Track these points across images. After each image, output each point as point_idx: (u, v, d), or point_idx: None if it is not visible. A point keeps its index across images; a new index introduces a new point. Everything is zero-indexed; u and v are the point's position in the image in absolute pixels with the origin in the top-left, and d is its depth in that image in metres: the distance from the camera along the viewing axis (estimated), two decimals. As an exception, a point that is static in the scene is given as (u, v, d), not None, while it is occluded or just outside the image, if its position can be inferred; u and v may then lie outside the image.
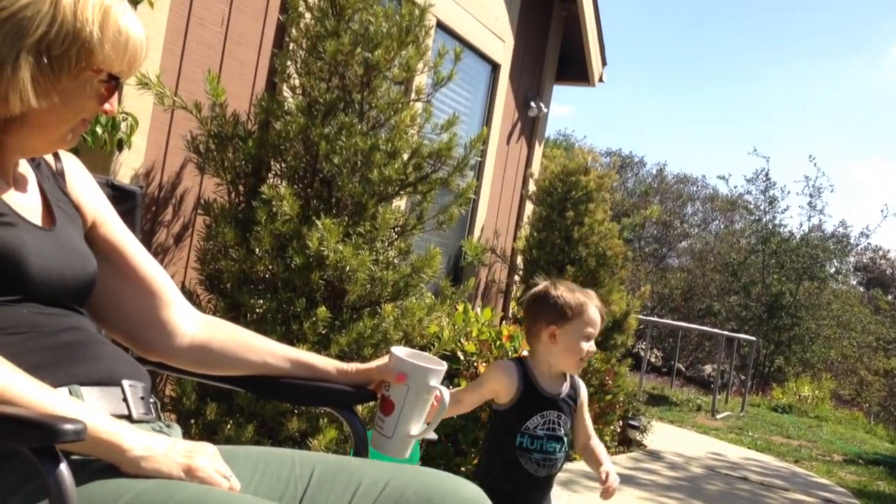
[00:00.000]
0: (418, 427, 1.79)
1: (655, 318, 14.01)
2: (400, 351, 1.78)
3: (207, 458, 1.37)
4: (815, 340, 19.52)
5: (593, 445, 2.57)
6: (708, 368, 19.64)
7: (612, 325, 7.18)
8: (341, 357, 3.07)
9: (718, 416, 12.07)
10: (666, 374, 18.42)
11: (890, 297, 46.44)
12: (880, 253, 37.51)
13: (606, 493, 2.49)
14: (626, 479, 5.77)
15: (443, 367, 1.80)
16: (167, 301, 1.72)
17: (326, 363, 1.82)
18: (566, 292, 2.46)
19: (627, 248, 8.25)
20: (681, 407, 12.41)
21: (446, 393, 1.81)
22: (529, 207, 7.84)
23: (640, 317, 9.52)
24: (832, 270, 22.17)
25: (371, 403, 2.07)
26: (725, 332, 14.14)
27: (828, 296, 20.95)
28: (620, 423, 6.97)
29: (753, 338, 15.13)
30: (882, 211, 34.83)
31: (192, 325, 1.75)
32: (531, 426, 2.39)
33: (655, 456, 7.11)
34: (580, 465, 6.04)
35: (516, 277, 7.65)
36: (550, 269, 7.23)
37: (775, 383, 17.73)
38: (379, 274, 3.30)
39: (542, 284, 2.54)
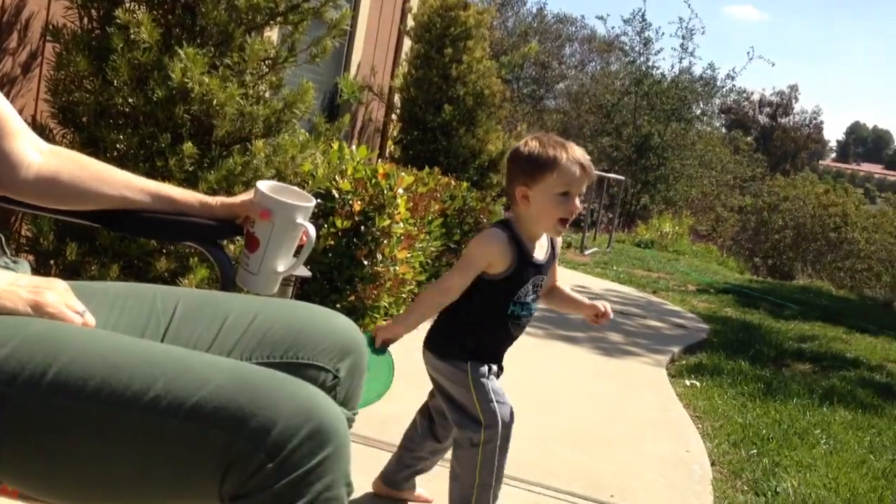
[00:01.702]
0: (285, 264, 1.75)
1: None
2: (265, 185, 1.70)
3: (57, 293, 1.30)
4: (678, 179, 20.46)
5: (559, 288, 2.49)
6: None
7: (488, 165, 7.26)
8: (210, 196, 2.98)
9: (587, 252, 12.66)
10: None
11: (749, 139, 48.94)
12: (744, 95, 39.03)
13: (606, 317, 2.43)
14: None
15: (311, 203, 1.74)
16: (9, 131, 1.58)
17: (188, 196, 1.74)
18: (537, 147, 2.19)
19: (506, 89, 8.23)
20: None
21: (312, 230, 1.76)
22: (408, 44, 7.64)
23: (516, 156, 9.66)
24: (698, 112, 22.99)
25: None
26: (597, 172, 14.54)
27: (693, 137, 21.82)
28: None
29: (622, 177, 15.69)
30: (748, 53, 35.98)
31: (39, 155, 1.62)
32: (522, 294, 2.28)
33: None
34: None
35: (394, 116, 7.56)
36: (428, 108, 7.17)
37: (640, 220, 18.66)
38: (248, 109, 3.16)
39: (522, 141, 2.31)
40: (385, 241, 4.34)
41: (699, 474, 3.29)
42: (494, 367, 2.37)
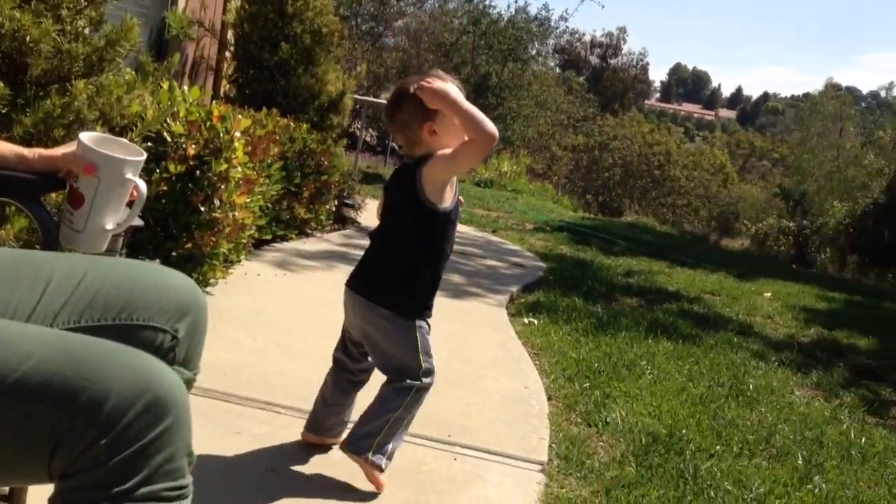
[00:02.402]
0: (114, 221, 1.65)
1: (371, 98, 14.10)
2: (89, 138, 1.57)
3: None
4: (516, 119, 20.88)
5: None
6: (420, 147, 20.42)
7: (328, 106, 7.12)
8: (27, 141, 2.76)
9: (428, 192, 12.77)
10: (380, 153, 18.95)
11: (581, 79, 50.55)
12: (576, 36, 40.10)
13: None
14: (340, 256, 6.00)
15: (141, 157, 1.64)
16: None
17: (2, 148, 1.60)
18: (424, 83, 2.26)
19: (344, 26, 8.04)
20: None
21: (143, 185, 1.66)
22: (240, -24, 7.29)
23: (356, 96, 9.53)
24: (534, 52, 23.45)
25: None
26: (436, 112, 14.58)
27: (529, 77, 22.26)
28: (336, 202, 7.11)
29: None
30: (581, -6, 36.89)
31: None
32: (457, 220, 2.45)
33: (367, 232, 7.40)
34: (295, 244, 6.15)
35: (227, 54, 7.23)
36: (264, 46, 6.91)
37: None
38: (67, 46, 2.92)
39: (401, 84, 2.35)
40: (222, 186, 4.18)
41: (537, 409, 3.44)
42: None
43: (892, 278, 17.50)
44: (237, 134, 4.26)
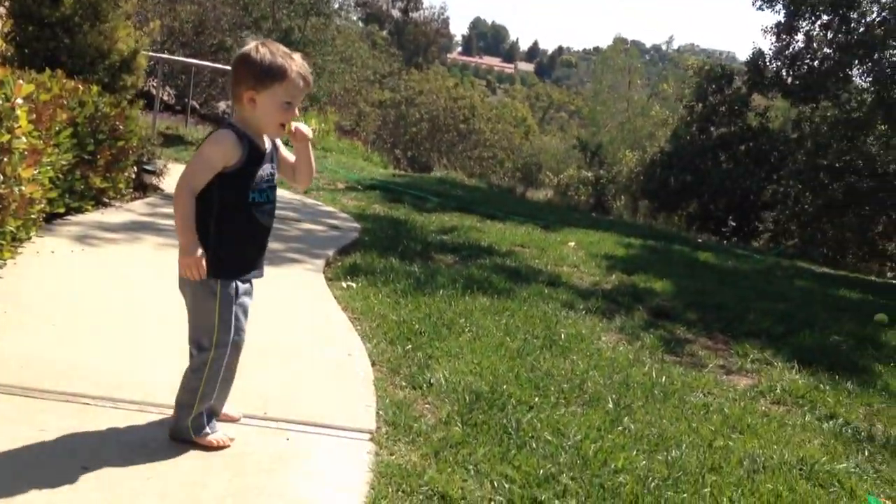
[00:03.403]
0: None
1: (167, 55, 13.32)
2: None
3: None
4: (321, 76, 20.53)
5: (293, 161, 2.64)
6: (223, 105, 19.59)
7: (121, 65, 6.65)
8: None
9: (234, 153, 12.32)
10: (180, 113, 18.00)
11: (384, 33, 50.41)
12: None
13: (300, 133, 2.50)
14: (144, 227, 5.66)
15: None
16: None
17: None
18: (268, 55, 2.35)
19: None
20: (196, 146, 12.35)
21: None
22: (9, -79, 6.59)
23: (151, 54, 8.96)
24: (336, 6, 23.09)
25: None
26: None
27: (332, 32, 21.91)
28: (135, 168, 6.69)
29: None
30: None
31: None
32: (258, 181, 2.45)
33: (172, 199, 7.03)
34: (93, 216, 5.74)
35: (1, 10, 6.55)
36: (44, 1, 6.32)
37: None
38: None
39: (248, 45, 2.40)
40: (6, 159, 3.81)
41: (361, 376, 3.44)
42: (245, 286, 2.52)
43: (677, 220, 19.00)
44: (19, 101, 3.88)
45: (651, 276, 6.88)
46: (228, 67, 11.59)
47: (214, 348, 2.45)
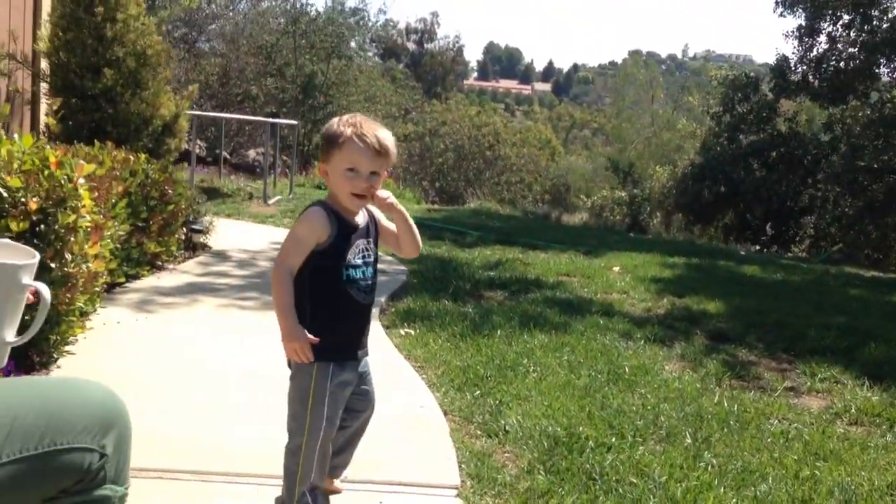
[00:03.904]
0: (12, 331, 1.52)
1: (198, 112, 13.57)
2: None
3: None
4: (346, 116, 20.74)
5: (393, 231, 2.56)
6: (252, 153, 19.93)
7: (163, 130, 6.79)
8: None
9: (271, 202, 12.48)
10: (212, 164, 18.30)
11: (401, 66, 50.92)
12: (391, 23, 40.32)
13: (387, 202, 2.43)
14: (201, 288, 5.75)
15: (34, 259, 1.52)
16: None
17: None
18: (332, 126, 2.34)
19: (169, 47, 7.67)
20: (233, 197, 12.52)
21: (45, 289, 1.54)
22: (48, 2, 6.79)
23: (189, 112, 9.14)
24: (353, 45, 23.38)
25: None
26: (269, 120, 14.27)
27: (354, 72, 22.19)
28: (184, 229, 6.81)
29: (295, 122, 15.56)
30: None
31: None
32: (352, 257, 2.39)
33: (222, 257, 7.15)
34: (150, 281, 5.84)
35: (44, 86, 6.73)
36: (85, 73, 6.50)
37: (316, 162, 18.72)
38: None
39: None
40: (72, 238, 3.90)
41: (437, 428, 3.45)
42: (348, 376, 2.44)
43: (713, 232, 18.85)
44: (81, 181, 3.98)
45: (703, 297, 6.84)
46: (260, 119, 11.84)
47: (307, 433, 2.39)
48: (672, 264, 9.11)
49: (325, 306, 2.39)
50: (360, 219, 2.45)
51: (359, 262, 2.42)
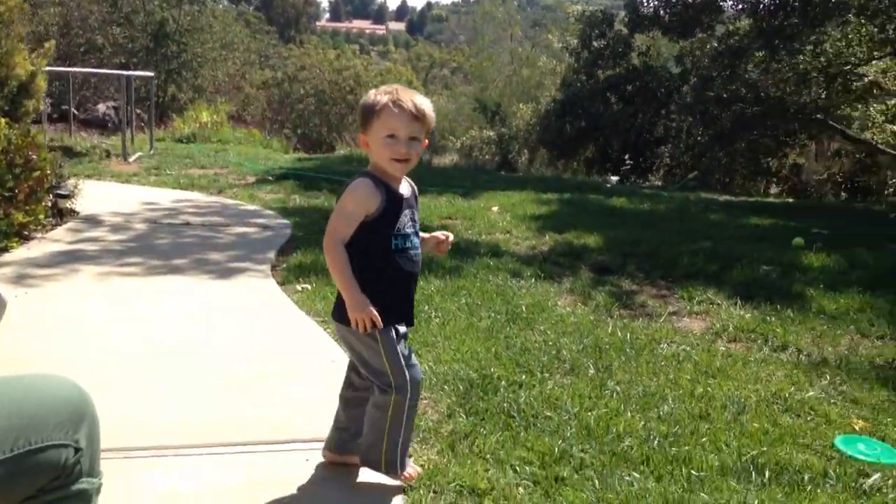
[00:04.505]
0: None
1: (52, 68, 12.69)
2: None
3: None
4: (203, 65, 19.94)
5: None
6: (101, 108, 18.83)
7: (19, 90, 6.36)
8: None
9: (131, 160, 11.94)
10: (58, 121, 17.22)
11: (251, 9, 49.11)
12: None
13: (447, 243, 2.68)
14: (77, 257, 5.50)
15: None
16: None
17: None
18: (372, 95, 2.38)
19: (21, 1, 7.08)
20: (89, 156, 11.90)
21: (2, 290, 1.48)
22: None
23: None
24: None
25: None
26: (124, 73, 13.54)
27: (207, 18, 21.24)
28: (50, 195, 6.44)
29: (151, 73, 14.81)
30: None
31: None
32: (400, 227, 2.42)
33: (93, 222, 6.81)
34: (21, 253, 5.53)
35: None
36: (-77, 32, 5.96)
37: (174, 114, 17.95)
38: None
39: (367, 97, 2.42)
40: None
41: (352, 380, 3.49)
42: (402, 329, 2.48)
43: (576, 166, 19.49)
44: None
45: (581, 232, 7.12)
46: (114, 72, 11.21)
47: (395, 392, 2.43)
48: (547, 201, 9.40)
49: (376, 276, 2.40)
50: (405, 189, 2.49)
51: (409, 231, 2.46)
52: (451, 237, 2.71)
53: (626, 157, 18.49)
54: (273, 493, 2.50)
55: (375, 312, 2.34)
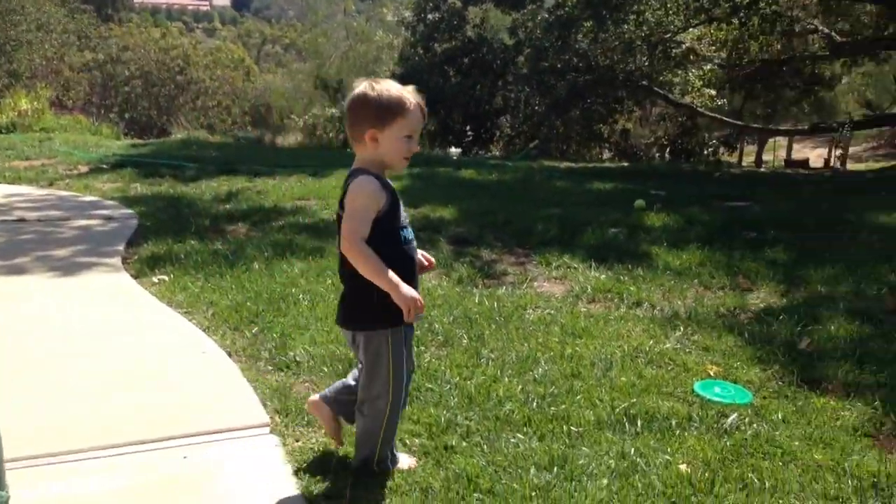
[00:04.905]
0: None
1: None
2: None
3: None
4: (17, 48, 18.54)
5: None
6: None
7: None
8: None
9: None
10: None
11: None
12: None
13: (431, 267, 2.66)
14: None
15: None
16: None
17: None
18: (385, 92, 2.37)
19: None
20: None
21: None
22: None
23: None
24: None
25: None
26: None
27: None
28: None
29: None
30: None
31: None
32: (403, 219, 2.48)
33: None
34: None
35: None
36: None
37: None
38: None
39: (361, 86, 2.40)
40: None
41: (226, 370, 3.42)
42: (410, 335, 2.55)
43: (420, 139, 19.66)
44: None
45: (436, 205, 7.23)
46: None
47: (392, 395, 2.48)
48: (397, 176, 9.44)
49: (393, 269, 2.37)
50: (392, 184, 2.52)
51: (406, 223, 2.51)
52: (434, 262, 2.73)
53: (468, 128, 18.84)
54: (154, 492, 2.43)
55: (421, 298, 2.39)
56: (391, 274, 2.34)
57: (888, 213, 7.00)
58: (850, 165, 23.62)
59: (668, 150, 21.14)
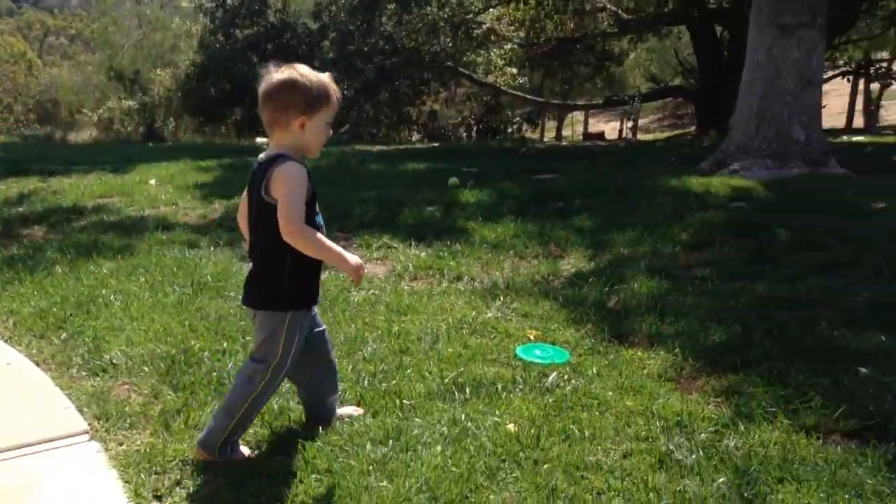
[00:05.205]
0: None
1: None
2: None
3: None
4: None
5: None
6: None
7: None
8: None
9: None
10: None
11: None
12: None
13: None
14: None
15: None
16: None
17: None
18: (314, 79, 2.40)
19: None
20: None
21: None
22: None
23: None
24: None
25: None
26: None
27: None
28: None
29: None
30: None
31: None
32: (317, 204, 2.51)
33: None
34: None
35: None
36: None
37: None
38: None
39: (285, 71, 2.40)
40: None
41: (36, 380, 3.22)
42: (312, 311, 2.59)
43: (224, 130, 19.10)
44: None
45: (249, 195, 7.05)
46: None
47: (271, 371, 2.50)
48: (207, 168, 9.15)
49: (307, 257, 2.40)
50: None
51: (318, 209, 2.52)
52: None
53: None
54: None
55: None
56: (337, 247, 2.42)
57: (678, 178, 7.57)
58: (641, 136, 25.34)
59: (474, 129, 21.70)
